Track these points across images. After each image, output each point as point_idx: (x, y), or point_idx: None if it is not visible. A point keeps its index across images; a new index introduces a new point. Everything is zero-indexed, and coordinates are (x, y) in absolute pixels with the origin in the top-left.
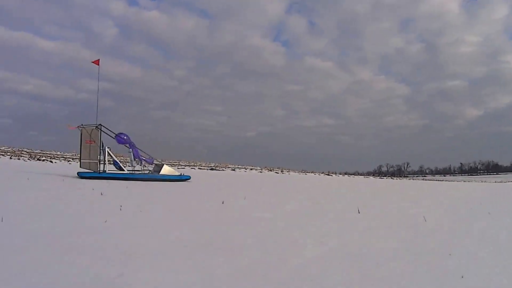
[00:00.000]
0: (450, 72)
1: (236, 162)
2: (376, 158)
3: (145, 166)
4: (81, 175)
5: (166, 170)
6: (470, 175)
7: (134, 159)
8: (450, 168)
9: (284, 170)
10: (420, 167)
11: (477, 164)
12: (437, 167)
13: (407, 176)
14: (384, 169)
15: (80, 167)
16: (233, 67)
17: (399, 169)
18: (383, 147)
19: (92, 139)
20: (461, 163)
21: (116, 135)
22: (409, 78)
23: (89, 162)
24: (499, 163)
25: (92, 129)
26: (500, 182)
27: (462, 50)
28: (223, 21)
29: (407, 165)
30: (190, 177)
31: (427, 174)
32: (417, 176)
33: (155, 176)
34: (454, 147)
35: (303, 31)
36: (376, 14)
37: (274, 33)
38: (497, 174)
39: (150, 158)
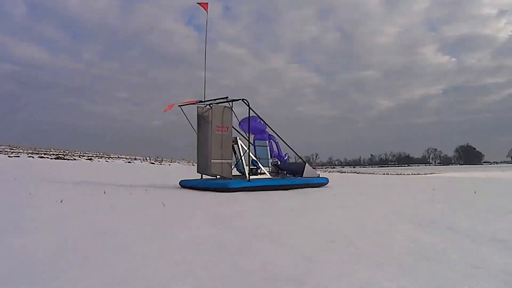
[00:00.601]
0: (365, 62)
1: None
2: (285, 149)
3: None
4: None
5: (309, 171)
6: (381, 166)
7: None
8: (360, 159)
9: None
10: (330, 158)
11: (388, 155)
12: (346, 159)
13: (315, 168)
14: (291, 160)
15: (199, 171)
16: (145, 52)
17: (308, 160)
18: (292, 138)
19: (224, 125)
20: (371, 155)
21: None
22: (323, 67)
23: (221, 163)
24: (410, 155)
25: (224, 107)
26: (429, 174)
27: (380, 41)
28: (137, 3)
29: (316, 156)
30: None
31: (336, 165)
32: (326, 168)
33: (308, 181)
34: (365, 138)
35: (217, 15)
36: (296, 1)
37: (188, 16)
38: (408, 165)
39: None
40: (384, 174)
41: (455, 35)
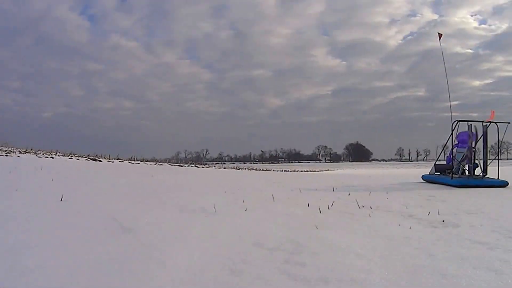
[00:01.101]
0: (257, 61)
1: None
2: (176, 145)
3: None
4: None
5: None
6: (271, 163)
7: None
8: (250, 155)
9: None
10: (220, 154)
11: (279, 152)
12: (237, 154)
13: (206, 163)
14: (182, 155)
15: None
16: (37, 40)
17: (198, 156)
18: (183, 133)
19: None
20: (262, 151)
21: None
22: (215, 64)
23: None
24: (301, 152)
25: None
26: (325, 170)
27: (272, 41)
28: None
29: (206, 152)
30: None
31: (226, 161)
32: (216, 163)
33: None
34: (255, 135)
35: (112, 6)
36: None
37: (82, 6)
38: (299, 162)
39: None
40: (282, 171)
41: (347, 40)
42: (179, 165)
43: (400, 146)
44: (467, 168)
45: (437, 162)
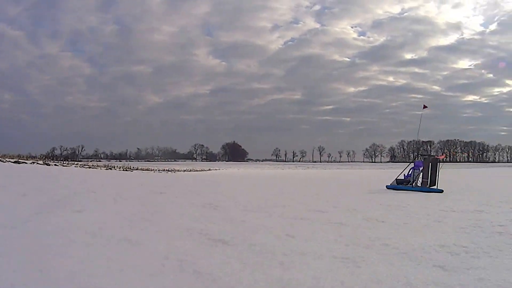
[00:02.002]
0: (138, 57)
1: None
2: (53, 140)
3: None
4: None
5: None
6: (148, 161)
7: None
8: (126, 153)
9: None
10: (96, 150)
11: (155, 150)
12: (112, 152)
13: (81, 161)
14: (58, 152)
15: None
16: None
17: (74, 153)
18: (60, 129)
19: None
20: (138, 148)
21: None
22: (97, 58)
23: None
24: (177, 150)
25: None
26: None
27: (156, 38)
28: None
29: (82, 148)
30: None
31: (102, 158)
32: (92, 160)
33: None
34: (132, 132)
35: None
36: None
37: None
38: (175, 161)
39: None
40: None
41: (229, 41)
42: (46, 164)
43: (277, 147)
44: (419, 182)
45: (398, 178)
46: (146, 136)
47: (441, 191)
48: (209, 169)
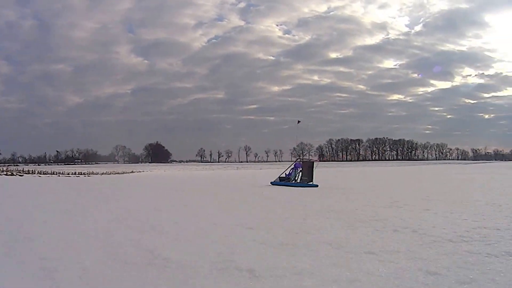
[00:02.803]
0: (59, 55)
1: None
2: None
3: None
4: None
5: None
6: (67, 164)
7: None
8: (45, 156)
9: None
10: (13, 154)
11: (75, 152)
12: (31, 155)
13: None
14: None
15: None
16: None
17: None
18: None
19: None
20: (57, 151)
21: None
22: (15, 56)
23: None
24: (98, 152)
25: None
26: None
27: (76, 35)
28: None
29: None
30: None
31: (20, 162)
32: (9, 165)
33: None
34: (50, 134)
35: None
36: None
37: None
38: (96, 163)
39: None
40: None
41: (152, 39)
42: None
43: (202, 147)
44: (298, 179)
45: (280, 176)
46: (66, 138)
47: (317, 186)
48: (132, 171)
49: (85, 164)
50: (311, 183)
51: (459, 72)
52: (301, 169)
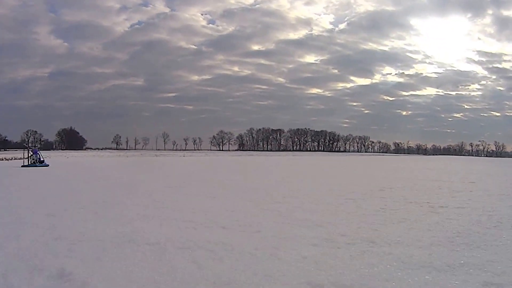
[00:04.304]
0: None
1: None
2: None
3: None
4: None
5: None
6: None
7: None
8: None
9: None
10: None
11: None
12: None
13: None
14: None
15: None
16: None
17: None
18: None
19: None
20: None
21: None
22: None
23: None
24: (8, 138)
25: None
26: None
27: None
28: None
29: None
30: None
31: None
32: None
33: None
34: None
35: None
36: None
37: None
38: (5, 150)
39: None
40: None
41: (73, 20)
42: None
43: (118, 134)
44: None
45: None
46: None
47: (48, 165)
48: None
49: None
50: (43, 164)
51: (379, 70)
52: (37, 153)
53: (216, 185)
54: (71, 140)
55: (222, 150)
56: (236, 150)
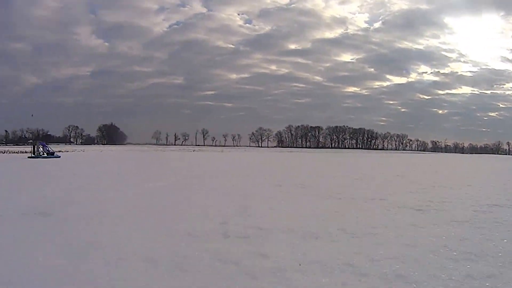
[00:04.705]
0: (18, 34)
1: None
2: None
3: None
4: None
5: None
6: (17, 145)
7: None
8: None
9: None
10: None
11: (25, 132)
12: None
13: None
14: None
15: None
16: None
17: None
18: None
19: None
20: (6, 131)
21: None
22: None
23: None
24: (50, 133)
25: None
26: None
27: (37, 13)
28: None
29: None
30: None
31: None
32: None
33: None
34: (6, 114)
35: None
36: None
37: None
38: (47, 144)
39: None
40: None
41: (113, 21)
42: None
43: (158, 129)
44: (45, 153)
45: (34, 153)
46: (20, 119)
47: (59, 157)
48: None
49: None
50: (55, 155)
51: (415, 69)
52: (44, 145)
53: None
54: (111, 135)
55: (261, 147)
56: (274, 146)
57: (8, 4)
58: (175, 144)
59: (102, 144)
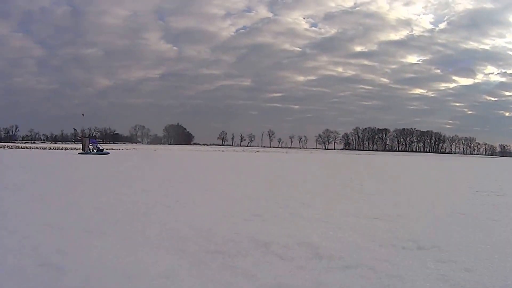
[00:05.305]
0: (90, 40)
1: None
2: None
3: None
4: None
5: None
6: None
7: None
8: (62, 134)
9: None
10: (30, 131)
11: (93, 131)
12: (53, 133)
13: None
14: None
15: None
16: None
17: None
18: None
19: None
20: (74, 129)
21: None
22: (48, 40)
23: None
24: (118, 132)
25: None
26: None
27: (108, 21)
28: None
29: (16, 129)
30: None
31: (36, 140)
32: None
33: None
34: (77, 114)
35: None
36: None
37: None
38: (114, 143)
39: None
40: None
41: (181, 27)
42: None
43: (223, 130)
44: (95, 150)
45: (84, 149)
46: (95, 118)
47: (108, 153)
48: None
49: (103, 143)
50: (105, 152)
51: (481, 70)
52: (95, 142)
53: None
54: (177, 135)
55: (328, 149)
56: (341, 149)
57: (81, 14)
58: (240, 145)
59: (169, 144)
